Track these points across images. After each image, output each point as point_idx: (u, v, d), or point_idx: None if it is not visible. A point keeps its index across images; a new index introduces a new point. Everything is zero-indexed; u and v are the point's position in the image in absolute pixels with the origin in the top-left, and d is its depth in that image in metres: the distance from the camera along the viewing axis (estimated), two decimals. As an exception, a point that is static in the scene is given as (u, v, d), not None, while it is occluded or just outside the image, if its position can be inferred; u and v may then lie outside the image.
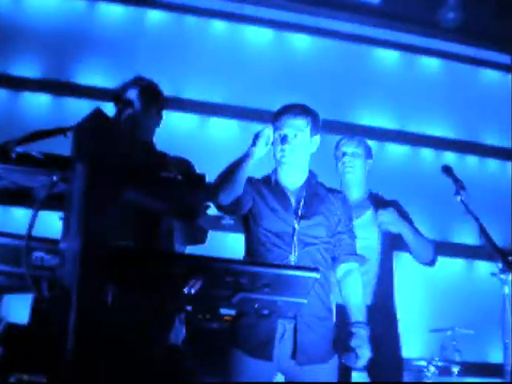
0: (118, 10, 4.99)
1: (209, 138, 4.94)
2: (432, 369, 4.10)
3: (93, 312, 1.56)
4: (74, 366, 1.47)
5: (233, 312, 2.73)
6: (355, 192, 3.26)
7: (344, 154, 3.25)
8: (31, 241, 1.62)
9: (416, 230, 3.15)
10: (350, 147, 3.27)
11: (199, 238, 2.85)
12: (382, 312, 3.07)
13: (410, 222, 3.19)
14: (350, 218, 2.70)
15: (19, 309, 2.22)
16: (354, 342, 2.43)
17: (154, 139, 2.80)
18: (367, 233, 3.11)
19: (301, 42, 5.29)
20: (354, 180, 3.27)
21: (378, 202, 3.26)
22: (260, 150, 2.48)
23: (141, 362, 2.01)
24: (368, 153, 3.33)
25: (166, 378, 2.24)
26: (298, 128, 2.58)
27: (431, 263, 3.21)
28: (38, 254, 1.66)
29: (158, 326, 2.21)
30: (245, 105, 4.97)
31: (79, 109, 4.61)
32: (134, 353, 1.96)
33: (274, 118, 2.64)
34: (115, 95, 2.73)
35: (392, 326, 3.14)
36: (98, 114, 1.49)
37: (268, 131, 2.50)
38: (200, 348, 3.56)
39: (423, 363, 4.17)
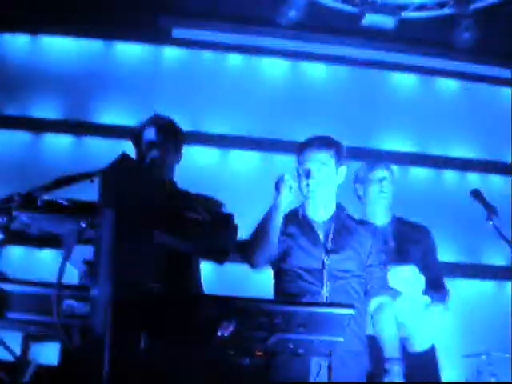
0: (135, 49, 5.04)
1: (230, 171, 4.93)
2: (469, 394, 4.00)
3: (126, 360, 1.53)
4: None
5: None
6: (384, 217, 3.20)
7: (381, 180, 3.18)
8: (61, 289, 1.60)
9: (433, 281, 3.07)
10: (382, 172, 3.21)
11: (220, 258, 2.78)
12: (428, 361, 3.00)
13: (434, 256, 3.15)
14: (380, 250, 2.66)
15: (48, 351, 2.22)
16: (387, 379, 2.39)
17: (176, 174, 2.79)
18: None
19: (317, 70, 5.29)
20: (387, 205, 3.22)
21: (405, 226, 3.21)
22: (286, 198, 2.47)
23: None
24: (394, 177, 3.31)
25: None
26: (321, 162, 2.56)
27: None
28: (68, 302, 1.64)
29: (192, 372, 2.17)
30: (265, 136, 4.97)
31: (100, 148, 4.66)
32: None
33: (298, 152, 2.62)
34: (134, 135, 2.73)
35: (431, 353, 3.06)
36: (123, 158, 1.48)
37: (288, 177, 2.47)
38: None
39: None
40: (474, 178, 5.29)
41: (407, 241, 3.13)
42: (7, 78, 4.78)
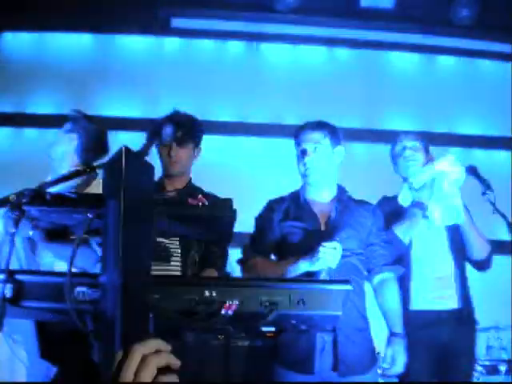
0: (135, 41, 5.09)
1: (235, 157, 4.99)
2: (479, 368, 4.06)
3: (137, 342, 1.62)
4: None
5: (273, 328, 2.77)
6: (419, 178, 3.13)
7: (404, 148, 3.18)
8: (73, 277, 1.69)
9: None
10: (409, 141, 3.20)
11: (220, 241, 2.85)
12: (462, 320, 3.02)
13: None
14: (381, 228, 2.72)
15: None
16: (390, 351, 2.48)
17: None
18: (440, 232, 3.08)
19: (318, 54, 5.33)
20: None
21: None
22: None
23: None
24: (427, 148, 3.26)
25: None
26: (315, 141, 2.63)
27: (485, 264, 3.17)
28: (80, 289, 1.73)
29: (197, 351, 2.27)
30: (269, 121, 5.02)
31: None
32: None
33: (294, 135, 2.69)
34: (153, 131, 2.80)
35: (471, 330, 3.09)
36: (124, 151, 1.56)
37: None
38: (246, 366, 3.60)
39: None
40: (478, 155, 5.32)
41: None
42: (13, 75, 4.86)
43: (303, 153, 2.62)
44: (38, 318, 1.72)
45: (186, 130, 2.81)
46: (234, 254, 2.84)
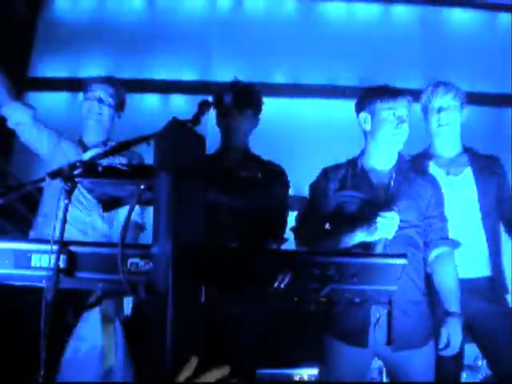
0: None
1: (294, 119, 4.86)
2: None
3: (188, 312, 1.63)
4: (172, 365, 1.54)
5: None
6: (453, 148, 3.05)
7: (440, 110, 2.99)
8: (125, 248, 1.70)
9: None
10: (446, 100, 2.99)
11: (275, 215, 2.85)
12: (493, 288, 2.85)
13: (509, 191, 3.00)
14: (440, 201, 2.64)
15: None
16: (445, 331, 2.41)
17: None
18: (467, 191, 2.93)
19: (374, 11, 5.13)
20: (452, 135, 3.03)
21: (476, 159, 3.03)
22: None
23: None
24: (463, 101, 3.04)
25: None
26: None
27: None
28: (132, 260, 1.74)
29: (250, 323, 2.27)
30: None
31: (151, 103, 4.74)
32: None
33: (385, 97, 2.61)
34: (213, 98, 2.82)
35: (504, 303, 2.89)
36: (175, 123, 1.54)
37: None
38: (298, 330, 3.60)
39: None
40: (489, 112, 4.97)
41: (484, 172, 2.98)
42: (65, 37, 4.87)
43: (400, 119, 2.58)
44: (91, 288, 1.73)
45: (247, 98, 2.83)
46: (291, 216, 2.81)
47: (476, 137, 3.17)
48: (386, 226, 2.32)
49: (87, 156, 2.84)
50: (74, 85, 4.78)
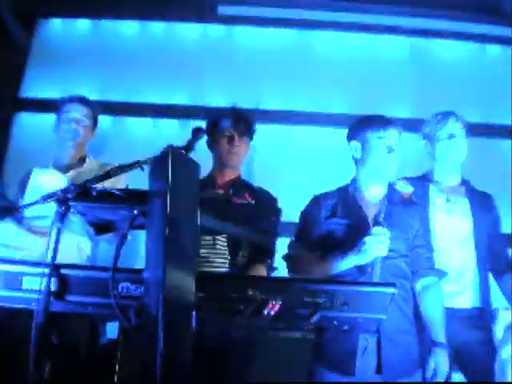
0: (181, 28, 5.09)
1: (292, 146, 4.88)
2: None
3: (179, 337, 1.63)
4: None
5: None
6: (454, 177, 3.06)
7: (451, 136, 3.00)
8: (117, 272, 1.71)
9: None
10: (455, 127, 3.02)
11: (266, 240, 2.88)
12: (483, 318, 2.86)
13: (499, 229, 3.04)
14: (427, 230, 2.66)
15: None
16: (432, 360, 2.43)
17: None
18: (464, 222, 2.94)
19: (366, 41, 5.20)
20: (457, 164, 3.04)
21: (473, 193, 3.05)
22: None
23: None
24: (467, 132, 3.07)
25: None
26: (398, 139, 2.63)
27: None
28: (123, 285, 1.75)
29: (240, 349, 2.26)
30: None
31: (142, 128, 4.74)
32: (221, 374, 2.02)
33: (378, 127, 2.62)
34: (210, 124, 2.91)
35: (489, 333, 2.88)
36: (170, 151, 1.56)
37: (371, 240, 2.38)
38: (282, 357, 3.58)
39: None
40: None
41: (480, 207, 2.99)
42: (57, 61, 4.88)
43: (390, 148, 2.60)
44: (81, 311, 1.73)
45: (247, 123, 2.94)
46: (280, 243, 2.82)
47: (467, 167, 3.18)
48: (377, 243, 2.32)
49: (67, 177, 2.83)
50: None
